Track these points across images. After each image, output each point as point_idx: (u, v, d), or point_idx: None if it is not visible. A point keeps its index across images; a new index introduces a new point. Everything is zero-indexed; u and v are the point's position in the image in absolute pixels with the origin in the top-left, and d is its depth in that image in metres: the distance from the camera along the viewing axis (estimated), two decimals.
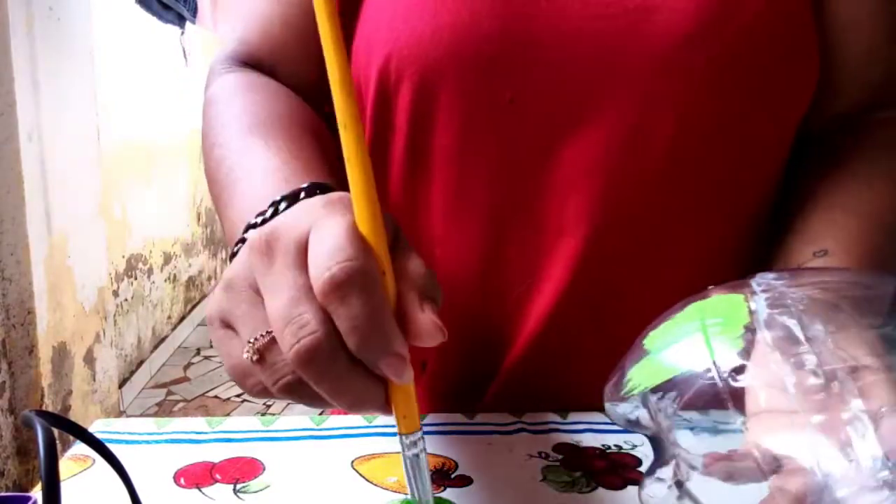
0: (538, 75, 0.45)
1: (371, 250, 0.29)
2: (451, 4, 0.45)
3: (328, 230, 0.29)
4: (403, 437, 0.31)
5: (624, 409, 0.34)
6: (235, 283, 0.31)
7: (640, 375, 0.34)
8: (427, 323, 0.29)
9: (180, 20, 2.67)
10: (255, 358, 0.29)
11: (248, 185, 0.41)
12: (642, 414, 0.33)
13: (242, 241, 0.35)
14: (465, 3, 0.45)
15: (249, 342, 0.29)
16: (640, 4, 0.44)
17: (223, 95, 0.50)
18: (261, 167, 0.41)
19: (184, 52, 3.04)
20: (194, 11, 2.70)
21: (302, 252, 0.29)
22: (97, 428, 0.48)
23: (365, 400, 0.29)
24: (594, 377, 0.51)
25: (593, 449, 0.46)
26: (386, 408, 0.30)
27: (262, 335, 0.29)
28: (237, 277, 0.31)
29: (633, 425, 0.34)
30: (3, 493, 0.30)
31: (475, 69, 0.45)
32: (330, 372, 0.28)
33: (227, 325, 0.31)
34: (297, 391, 0.29)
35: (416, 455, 0.31)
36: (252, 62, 0.54)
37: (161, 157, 3.04)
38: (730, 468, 0.29)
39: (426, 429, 0.48)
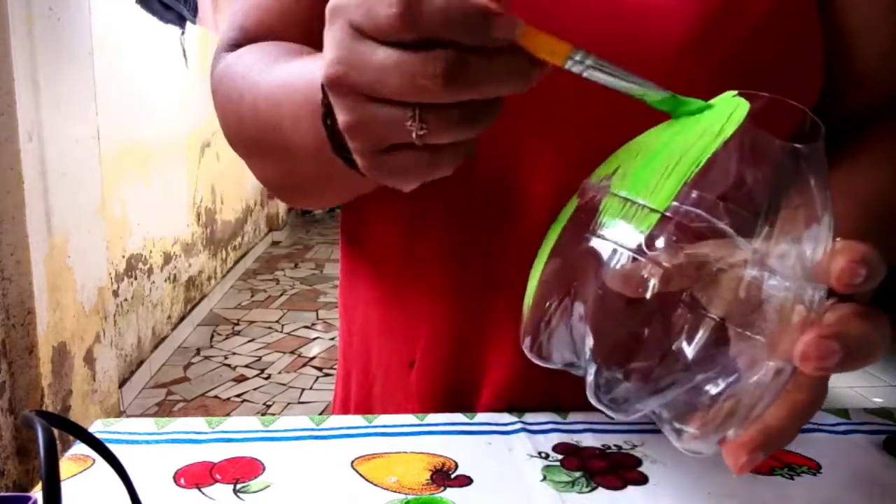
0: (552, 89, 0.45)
1: None
2: None
3: None
4: (567, 64, 0.30)
5: (548, 349, 0.35)
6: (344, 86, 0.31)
7: (529, 283, 0.35)
8: None
9: (180, 20, 2.67)
10: (420, 130, 0.29)
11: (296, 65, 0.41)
12: (560, 336, 0.34)
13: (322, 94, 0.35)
14: None
15: (410, 119, 0.29)
16: (639, 8, 0.44)
17: (232, 62, 0.50)
18: (297, 62, 0.42)
19: (184, 52, 3.04)
20: (195, 11, 2.71)
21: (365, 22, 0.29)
22: (97, 428, 0.48)
23: (515, 71, 0.29)
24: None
25: (593, 449, 0.46)
26: (533, 63, 0.30)
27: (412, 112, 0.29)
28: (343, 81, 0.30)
29: (561, 358, 0.35)
30: (3, 493, 0.30)
31: None
32: (474, 72, 0.28)
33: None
34: (471, 116, 0.30)
35: (591, 66, 0.31)
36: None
37: (161, 157, 3.04)
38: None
39: (427, 428, 0.48)
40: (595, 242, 0.31)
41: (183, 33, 2.84)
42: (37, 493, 0.31)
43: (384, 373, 0.55)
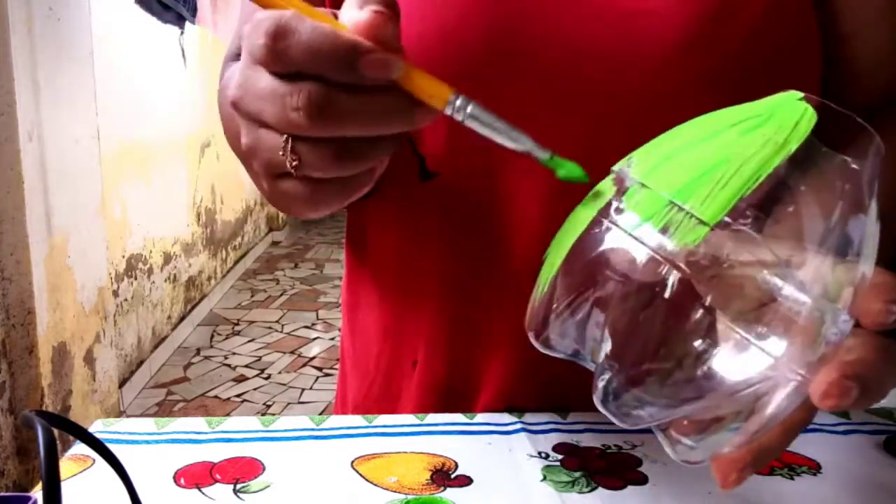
0: (527, 79, 0.45)
1: (285, 9, 0.29)
2: (440, 8, 0.45)
3: (252, 23, 0.30)
4: (447, 109, 0.30)
5: (555, 340, 0.33)
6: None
7: (545, 270, 0.33)
8: (366, 13, 0.28)
9: (180, 20, 2.67)
10: (292, 161, 0.30)
11: None
12: (569, 329, 0.32)
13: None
14: (454, 7, 0.45)
15: (281, 151, 0.30)
16: (633, 9, 0.44)
17: (229, 75, 0.51)
18: None
19: (182, 52, 3.04)
20: (194, 12, 2.71)
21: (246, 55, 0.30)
22: (97, 428, 0.48)
23: (390, 111, 0.29)
24: (587, 374, 0.51)
25: (593, 449, 0.46)
26: (413, 105, 0.29)
27: (282, 144, 0.30)
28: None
29: (566, 348, 0.33)
30: (3, 493, 0.31)
31: (462, 73, 0.45)
32: (339, 108, 0.28)
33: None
34: (337, 153, 0.29)
35: (471, 114, 0.30)
36: None
37: (161, 158, 3.04)
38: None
39: (427, 428, 0.48)
40: (628, 244, 0.28)
41: (182, 33, 2.84)
42: (37, 493, 0.31)
43: (384, 373, 0.56)
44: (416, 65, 0.47)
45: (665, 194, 0.28)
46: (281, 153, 0.30)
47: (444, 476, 0.42)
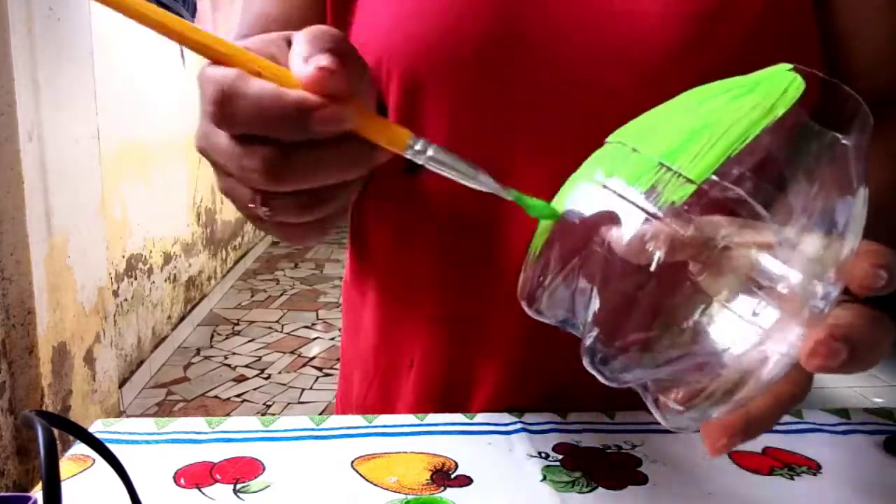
0: (525, 79, 0.45)
1: (230, 69, 0.28)
2: (438, 9, 0.45)
3: (203, 78, 0.29)
4: (407, 153, 0.30)
5: (546, 306, 0.33)
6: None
7: (537, 236, 0.33)
8: (311, 69, 0.27)
9: None
10: (264, 213, 0.30)
11: None
12: (560, 294, 0.32)
13: None
14: (452, 7, 0.45)
15: (252, 202, 0.30)
16: (631, 9, 0.44)
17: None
18: None
19: (181, 52, 3.04)
20: (193, 12, 2.71)
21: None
22: (97, 428, 0.48)
23: (348, 159, 0.29)
24: (583, 372, 0.51)
25: (593, 449, 0.46)
26: (372, 149, 0.29)
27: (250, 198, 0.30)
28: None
29: (556, 315, 0.33)
30: (3, 493, 0.31)
31: (460, 73, 0.45)
32: (296, 167, 0.28)
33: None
34: (306, 204, 0.30)
35: (431, 157, 0.30)
36: None
37: (161, 157, 3.04)
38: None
39: (426, 428, 0.48)
40: (617, 204, 0.29)
41: None
42: (37, 493, 0.31)
43: (382, 372, 0.56)
44: (418, 64, 0.47)
45: (654, 157, 0.29)
46: (252, 205, 0.30)
47: (444, 476, 0.42)
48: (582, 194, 0.31)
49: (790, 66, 0.29)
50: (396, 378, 0.54)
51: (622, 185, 0.29)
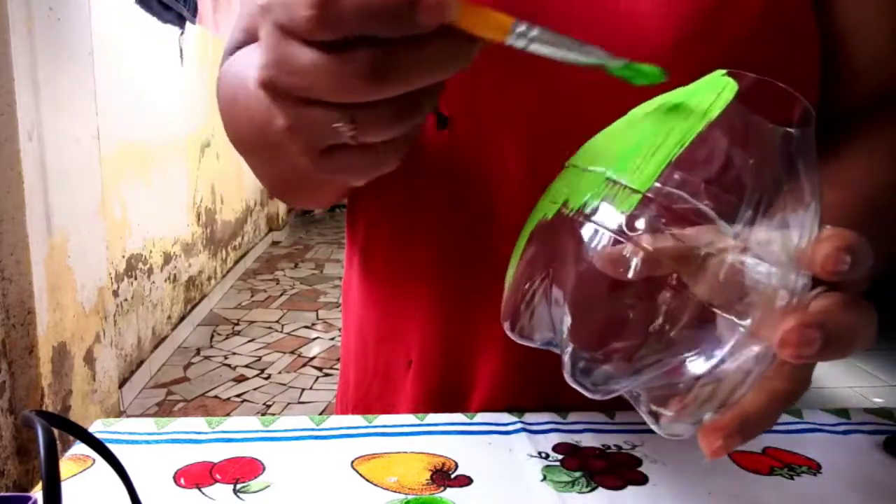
0: (523, 79, 0.45)
1: None
2: None
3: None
4: (509, 39, 0.29)
5: (529, 329, 0.34)
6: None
7: (511, 263, 0.34)
8: None
9: (180, 20, 2.68)
10: (351, 130, 0.28)
11: None
12: (541, 316, 0.33)
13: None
14: None
15: (340, 121, 0.28)
16: (629, 9, 0.44)
17: (229, 63, 0.50)
18: None
19: (180, 51, 3.04)
20: (194, 11, 2.71)
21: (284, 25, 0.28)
22: (97, 428, 0.48)
23: (448, 55, 0.28)
24: None
25: (593, 449, 0.46)
26: (470, 42, 0.28)
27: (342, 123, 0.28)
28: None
29: (542, 337, 0.34)
30: (3, 493, 0.31)
31: (459, 74, 0.45)
32: (401, 66, 0.27)
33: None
34: (405, 109, 0.29)
35: (536, 39, 0.29)
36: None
37: (161, 157, 3.04)
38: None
39: (426, 428, 0.48)
40: (576, 222, 0.30)
41: (182, 33, 2.84)
42: (37, 493, 0.31)
43: (381, 372, 0.56)
44: None
45: (604, 172, 0.30)
46: (337, 124, 0.28)
47: (444, 476, 0.42)
48: (542, 218, 0.33)
49: (724, 71, 0.31)
50: (395, 377, 0.55)
51: (576, 204, 0.31)
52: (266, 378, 2.81)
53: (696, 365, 0.29)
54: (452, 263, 0.50)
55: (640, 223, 0.29)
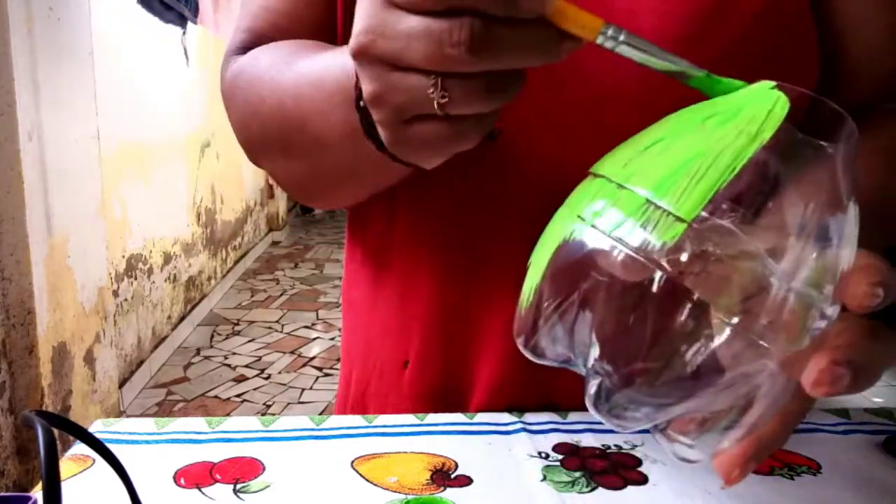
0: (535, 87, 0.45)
1: None
2: None
3: None
4: (599, 39, 0.30)
5: (544, 348, 0.33)
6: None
7: (530, 277, 0.32)
8: None
9: (181, 20, 2.67)
10: (441, 98, 0.30)
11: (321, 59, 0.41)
12: (558, 335, 0.31)
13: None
14: None
15: (432, 87, 0.29)
16: (627, 8, 0.44)
17: (246, 65, 0.50)
18: (322, 55, 0.42)
19: (185, 52, 3.04)
20: (195, 11, 2.71)
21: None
22: (97, 428, 0.48)
23: (541, 43, 0.29)
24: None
25: (593, 449, 0.46)
26: (561, 38, 0.30)
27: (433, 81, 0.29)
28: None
29: (557, 355, 0.33)
30: (3, 493, 0.31)
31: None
32: (497, 41, 0.28)
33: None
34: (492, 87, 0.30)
35: (624, 42, 0.30)
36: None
37: (161, 157, 3.04)
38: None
39: (426, 428, 0.48)
40: (609, 245, 0.28)
41: (184, 33, 2.84)
42: (37, 493, 0.31)
43: (379, 372, 0.56)
44: None
45: (641, 192, 0.28)
46: (431, 91, 0.29)
47: (444, 476, 0.42)
48: (571, 236, 0.30)
49: (773, 83, 0.29)
50: (393, 378, 0.55)
51: (611, 226, 0.28)
52: (266, 378, 2.81)
53: (719, 394, 0.28)
54: (453, 263, 0.50)
55: (683, 256, 0.27)
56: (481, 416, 0.50)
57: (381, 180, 0.46)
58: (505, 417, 0.49)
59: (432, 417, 0.50)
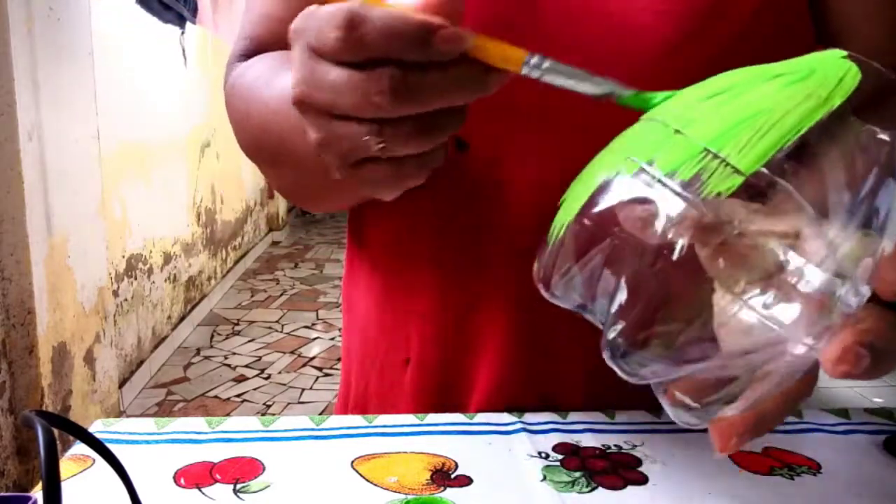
0: (518, 78, 0.45)
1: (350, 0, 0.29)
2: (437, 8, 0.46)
3: (308, 20, 0.30)
4: (524, 70, 0.30)
5: (563, 291, 0.32)
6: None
7: (562, 213, 0.31)
8: None
9: (180, 20, 2.67)
10: (378, 144, 0.30)
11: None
12: (578, 280, 0.30)
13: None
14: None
15: (368, 135, 0.30)
16: (625, 8, 0.44)
17: (240, 74, 0.51)
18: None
19: (183, 52, 3.04)
20: (194, 11, 2.70)
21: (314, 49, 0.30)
22: (97, 428, 0.48)
23: (466, 81, 0.30)
24: (579, 371, 0.51)
25: (593, 449, 0.46)
26: (487, 72, 0.30)
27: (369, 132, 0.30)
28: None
29: (573, 299, 0.32)
30: (3, 493, 0.31)
31: None
32: (419, 86, 0.29)
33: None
34: (426, 129, 0.31)
35: (548, 70, 0.31)
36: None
37: (161, 157, 3.04)
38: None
39: (426, 428, 0.48)
40: (655, 190, 0.27)
41: (183, 33, 2.84)
42: (37, 493, 0.31)
43: (379, 370, 0.56)
44: None
45: (700, 141, 0.27)
46: (366, 138, 0.30)
47: (444, 476, 0.42)
48: (616, 176, 0.29)
49: (844, 52, 0.28)
50: (395, 377, 0.55)
51: (664, 170, 0.27)
52: (266, 378, 2.81)
53: (732, 362, 0.27)
54: (453, 263, 0.50)
55: (727, 205, 0.26)
56: (481, 416, 0.50)
57: (363, 194, 0.46)
58: (505, 417, 0.49)
59: (432, 417, 0.50)
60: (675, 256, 0.27)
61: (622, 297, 0.28)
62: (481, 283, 0.50)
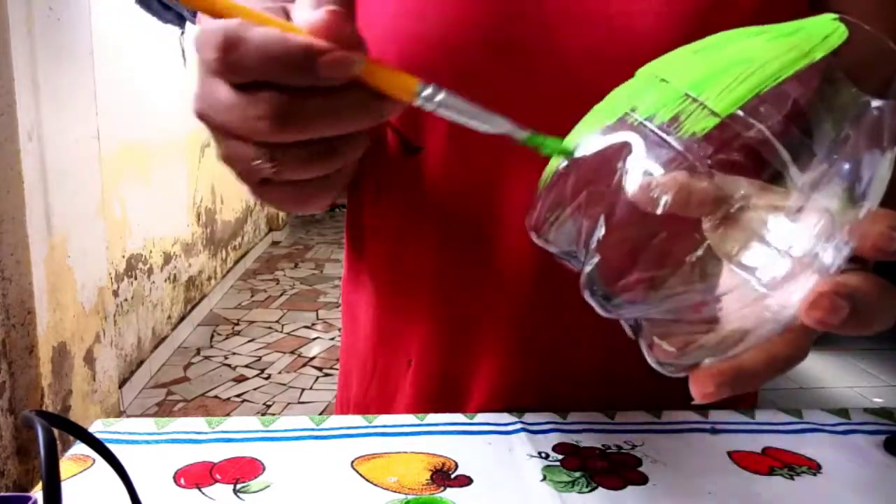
0: (522, 79, 0.45)
1: (232, 19, 0.28)
2: (437, 8, 0.45)
3: (200, 35, 0.29)
4: (416, 101, 0.29)
5: (553, 234, 0.32)
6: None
7: (553, 159, 0.32)
8: (320, 13, 0.27)
9: (180, 20, 2.67)
10: (271, 168, 0.29)
11: None
12: (568, 224, 0.31)
13: None
14: (453, 7, 0.45)
15: (258, 158, 0.29)
16: (625, 9, 0.44)
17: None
18: None
19: (183, 52, 3.04)
20: (194, 11, 2.70)
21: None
22: (97, 428, 0.48)
23: (355, 108, 0.28)
24: (579, 372, 0.51)
25: (593, 449, 0.46)
26: (380, 99, 0.29)
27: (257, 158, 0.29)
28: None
29: (561, 243, 0.32)
30: (3, 493, 0.31)
31: (457, 73, 0.45)
32: (302, 113, 0.27)
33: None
34: (312, 157, 0.29)
35: (442, 103, 0.29)
36: None
37: (161, 157, 3.04)
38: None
39: (426, 428, 0.48)
40: (635, 133, 0.28)
41: (182, 33, 2.84)
42: (37, 493, 0.31)
43: (381, 372, 0.56)
44: (418, 63, 0.47)
45: (681, 87, 0.28)
46: (258, 162, 0.29)
47: (444, 476, 0.42)
48: (602, 122, 0.30)
49: (836, 15, 0.29)
50: (395, 377, 0.55)
51: (645, 114, 0.28)
52: (266, 378, 2.81)
53: (710, 309, 0.27)
54: (453, 263, 0.50)
55: (702, 148, 0.27)
56: (481, 416, 0.50)
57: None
58: (505, 417, 0.49)
59: (432, 417, 0.50)
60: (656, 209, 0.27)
61: (600, 232, 0.29)
62: (484, 284, 0.50)
